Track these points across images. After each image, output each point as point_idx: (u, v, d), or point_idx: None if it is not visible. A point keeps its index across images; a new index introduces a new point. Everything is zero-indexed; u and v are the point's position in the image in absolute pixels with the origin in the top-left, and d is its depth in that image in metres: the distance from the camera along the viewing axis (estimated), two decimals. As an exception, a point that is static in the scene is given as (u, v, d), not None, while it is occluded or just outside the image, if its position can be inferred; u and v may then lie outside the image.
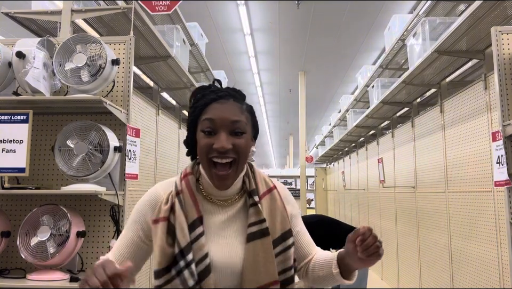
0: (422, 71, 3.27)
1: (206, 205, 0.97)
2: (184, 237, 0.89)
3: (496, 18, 2.41)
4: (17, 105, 1.99)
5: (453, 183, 3.09)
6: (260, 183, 1.02)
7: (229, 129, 0.93)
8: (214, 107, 0.95)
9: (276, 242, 0.95)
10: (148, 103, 2.82)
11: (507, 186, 2.02)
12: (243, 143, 0.94)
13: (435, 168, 3.44)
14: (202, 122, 0.95)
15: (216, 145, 0.91)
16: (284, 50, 8.97)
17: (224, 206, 0.98)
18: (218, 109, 0.94)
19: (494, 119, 2.48)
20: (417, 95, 4.09)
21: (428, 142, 3.64)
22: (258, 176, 1.03)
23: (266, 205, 0.98)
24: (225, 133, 0.92)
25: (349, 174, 7.65)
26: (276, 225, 0.96)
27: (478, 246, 2.69)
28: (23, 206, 2.12)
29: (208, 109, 0.95)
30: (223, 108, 0.94)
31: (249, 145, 0.97)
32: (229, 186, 0.96)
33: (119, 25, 2.62)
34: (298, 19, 7.40)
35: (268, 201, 0.99)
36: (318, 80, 10.54)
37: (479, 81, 2.67)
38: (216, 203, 0.98)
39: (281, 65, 9.89)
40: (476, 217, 2.71)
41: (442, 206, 3.27)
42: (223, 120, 0.93)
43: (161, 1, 2.50)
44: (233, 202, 0.99)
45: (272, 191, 1.01)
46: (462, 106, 2.94)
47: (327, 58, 9.30)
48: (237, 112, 0.95)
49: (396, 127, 4.74)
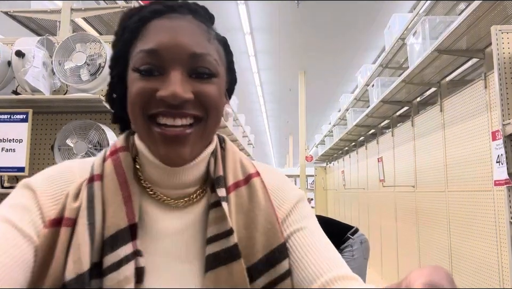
0: (422, 70, 3.27)
1: (145, 205, 0.56)
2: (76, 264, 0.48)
3: (496, 17, 2.41)
4: (16, 104, 1.99)
5: (453, 182, 3.09)
6: (230, 167, 0.60)
7: (186, 66, 0.52)
8: (158, 27, 0.53)
9: (256, 269, 0.53)
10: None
11: (507, 186, 2.02)
12: (213, 92, 0.53)
13: (435, 167, 3.44)
14: (137, 56, 0.53)
15: (162, 92, 0.50)
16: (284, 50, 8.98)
17: (177, 207, 0.57)
18: (166, 29, 0.52)
19: (493, 118, 2.48)
20: (417, 94, 4.09)
21: (427, 141, 3.64)
22: (231, 156, 0.61)
23: (237, 205, 0.56)
24: (180, 72, 0.51)
25: (349, 173, 7.65)
26: (256, 239, 0.54)
27: (477, 245, 2.69)
28: (22, 205, 2.12)
29: (149, 31, 0.53)
30: (175, 28, 0.52)
31: (222, 98, 0.57)
32: (187, 158, 0.54)
33: (118, 24, 2.61)
34: (298, 19, 7.40)
35: (240, 198, 0.57)
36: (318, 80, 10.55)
37: (479, 80, 2.67)
38: (164, 202, 0.57)
39: (281, 64, 9.90)
40: (475, 217, 2.72)
41: (442, 205, 3.27)
42: (177, 50, 0.51)
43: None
44: (193, 202, 0.58)
45: (250, 181, 0.59)
46: (462, 106, 2.94)
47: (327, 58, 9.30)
48: (200, 38, 0.54)
49: (396, 126, 4.74)
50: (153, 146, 0.54)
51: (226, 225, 0.53)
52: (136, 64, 0.53)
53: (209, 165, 0.59)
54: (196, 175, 0.58)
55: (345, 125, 6.89)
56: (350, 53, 8.91)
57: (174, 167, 0.55)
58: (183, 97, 0.51)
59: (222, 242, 0.53)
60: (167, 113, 0.51)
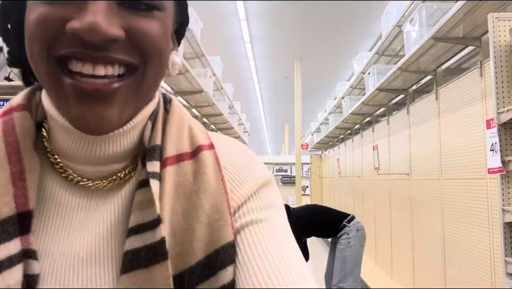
0: (418, 58, 3.26)
1: (49, 185, 0.41)
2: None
3: (493, 5, 2.39)
4: (9, 91, 1.97)
5: (447, 170, 3.11)
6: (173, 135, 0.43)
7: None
8: None
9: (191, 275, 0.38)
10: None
11: (500, 174, 2.04)
12: (154, 30, 0.38)
13: (429, 155, 3.46)
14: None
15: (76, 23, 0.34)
16: (280, 36, 8.90)
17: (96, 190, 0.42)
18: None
19: (488, 106, 2.48)
20: (413, 82, 4.09)
21: (422, 129, 3.65)
22: (176, 121, 0.45)
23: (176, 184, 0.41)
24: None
25: (344, 161, 7.68)
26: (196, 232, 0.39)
27: (470, 232, 2.72)
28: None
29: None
30: None
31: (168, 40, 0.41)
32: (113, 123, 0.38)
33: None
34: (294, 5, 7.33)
35: (181, 176, 0.41)
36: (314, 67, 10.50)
37: (475, 69, 2.67)
38: (79, 183, 0.41)
39: (277, 51, 9.83)
40: (468, 204, 2.75)
41: (435, 193, 3.30)
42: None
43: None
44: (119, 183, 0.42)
45: (198, 154, 0.43)
46: (457, 94, 2.94)
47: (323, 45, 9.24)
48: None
49: (391, 114, 4.75)
50: (63, 103, 0.37)
51: (152, 213, 0.38)
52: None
53: (145, 132, 0.43)
54: (126, 146, 0.41)
55: (341, 112, 6.89)
56: (346, 40, 8.86)
57: (94, 135, 0.39)
58: (108, 33, 0.34)
59: (145, 236, 0.37)
60: (83, 55, 0.35)
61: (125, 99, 0.38)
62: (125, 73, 0.38)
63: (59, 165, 0.41)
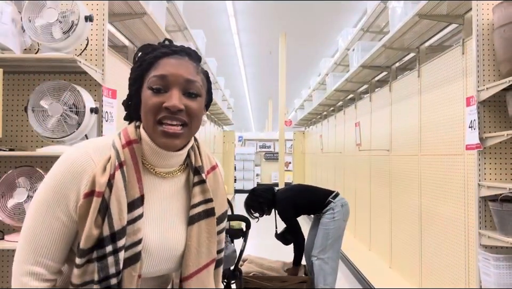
0: (403, 35, 3.27)
1: (147, 178, 0.87)
2: (121, 220, 0.79)
3: (478, -17, 2.40)
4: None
5: (426, 147, 3.19)
6: (205, 160, 0.94)
7: (182, 88, 0.83)
8: (166, 63, 0.84)
9: (218, 220, 0.92)
10: (124, 63, 2.73)
11: (477, 150, 2.11)
12: (197, 106, 0.85)
13: (409, 132, 3.53)
14: (151, 79, 0.83)
15: (167, 103, 0.81)
16: (265, 10, 8.74)
17: (166, 178, 0.89)
18: (171, 64, 0.84)
19: (469, 84, 2.53)
20: (396, 59, 4.11)
21: (404, 106, 3.71)
22: (203, 152, 0.95)
23: (210, 184, 0.92)
24: (178, 91, 0.83)
25: (327, 138, 7.77)
26: (217, 205, 0.92)
27: (446, 206, 2.83)
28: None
29: (160, 64, 0.84)
30: (177, 64, 0.84)
31: (202, 111, 0.88)
32: (178, 146, 0.85)
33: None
34: (279, -22, 7.17)
35: (211, 180, 0.94)
36: (299, 42, 10.41)
37: (457, 47, 2.70)
38: (158, 175, 0.88)
39: (261, 25, 9.67)
40: (446, 179, 2.84)
41: (414, 168, 3.39)
42: (177, 77, 0.83)
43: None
44: (175, 176, 0.90)
45: (215, 169, 0.96)
46: (439, 71, 2.98)
47: (308, 19, 9.13)
48: (192, 71, 0.85)
49: (374, 91, 4.79)
50: (157, 138, 0.84)
51: (208, 195, 0.91)
52: (151, 84, 0.83)
53: (189, 156, 0.92)
54: (178, 161, 0.90)
55: (325, 89, 6.90)
56: (332, 15, 8.77)
57: (169, 149, 0.85)
58: (179, 107, 0.82)
59: (204, 206, 0.90)
60: (169, 117, 0.82)
61: (182, 137, 0.85)
62: (183, 125, 0.84)
63: (150, 167, 0.88)
